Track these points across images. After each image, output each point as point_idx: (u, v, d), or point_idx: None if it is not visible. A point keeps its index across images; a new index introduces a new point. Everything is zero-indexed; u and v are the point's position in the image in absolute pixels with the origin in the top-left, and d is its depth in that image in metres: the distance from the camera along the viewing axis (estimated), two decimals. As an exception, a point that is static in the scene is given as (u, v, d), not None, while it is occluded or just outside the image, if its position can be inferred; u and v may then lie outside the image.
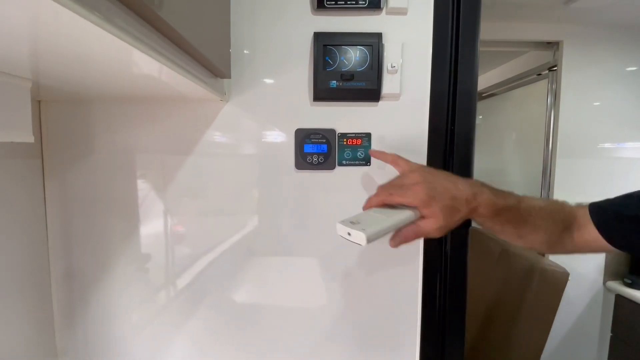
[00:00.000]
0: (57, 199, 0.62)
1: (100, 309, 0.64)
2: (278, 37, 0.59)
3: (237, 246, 0.63)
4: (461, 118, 0.62)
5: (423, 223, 0.46)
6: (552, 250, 0.52)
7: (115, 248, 0.63)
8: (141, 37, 0.29)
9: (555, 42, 1.59)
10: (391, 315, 0.64)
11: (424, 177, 0.46)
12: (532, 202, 0.50)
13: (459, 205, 0.45)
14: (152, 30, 0.31)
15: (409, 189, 0.46)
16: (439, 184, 0.46)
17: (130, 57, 0.33)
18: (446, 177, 0.47)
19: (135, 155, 0.61)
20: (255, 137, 0.61)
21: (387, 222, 0.45)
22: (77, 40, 0.28)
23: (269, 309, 0.64)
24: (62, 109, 0.60)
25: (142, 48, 0.29)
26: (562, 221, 0.49)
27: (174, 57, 0.37)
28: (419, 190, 0.45)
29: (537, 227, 0.49)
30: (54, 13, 0.21)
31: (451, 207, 0.45)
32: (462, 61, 0.61)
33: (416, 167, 0.49)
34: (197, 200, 0.62)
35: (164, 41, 0.34)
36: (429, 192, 0.45)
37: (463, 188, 0.46)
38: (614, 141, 1.65)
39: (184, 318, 0.64)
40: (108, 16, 0.24)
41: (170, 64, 0.36)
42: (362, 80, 0.57)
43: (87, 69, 0.39)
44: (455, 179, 0.47)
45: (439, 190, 0.45)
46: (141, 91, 0.53)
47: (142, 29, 0.29)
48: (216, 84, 0.53)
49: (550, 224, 0.49)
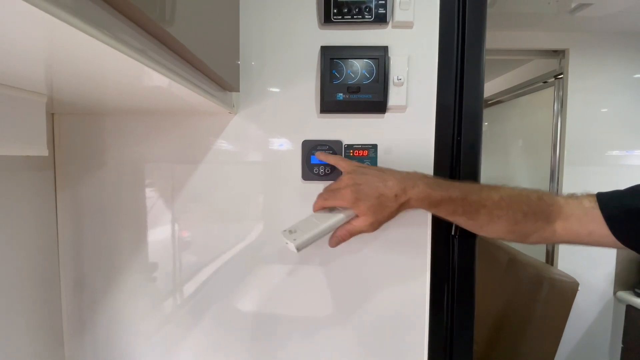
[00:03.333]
0: (68, 209, 0.63)
1: (108, 318, 0.64)
2: (286, 51, 0.60)
3: (243, 255, 0.63)
4: (467, 129, 0.62)
5: (354, 221, 0.52)
6: (525, 241, 0.52)
7: (124, 258, 0.63)
8: (151, 54, 0.29)
9: (562, 50, 1.58)
10: (398, 325, 0.64)
11: (354, 180, 0.51)
12: (490, 192, 0.50)
13: (387, 202, 0.49)
14: (162, 47, 0.32)
15: (339, 192, 0.51)
16: (367, 184, 0.50)
17: (141, 74, 0.34)
18: (378, 175, 0.51)
19: (145, 166, 0.62)
20: (263, 148, 0.61)
21: (319, 227, 0.51)
22: (90, 59, 0.28)
23: (275, 318, 0.64)
24: (75, 122, 0.62)
25: (152, 65, 0.29)
26: (533, 212, 0.49)
27: (184, 72, 0.37)
28: (346, 193, 0.50)
29: (495, 217, 0.50)
30: (68, 35, 0.22)
31: (378, 205, 0.49)
32: (468, 73, 0.61)
33: (352, 168, 0.53)
34: (204, 210, 0.63)
35: (174, 57, 0.34)
36: (355, 195, 0.49)
37: (392, 185, 0.49)
38: (622, 149, 1.64)
39: (191, 327, 0.64)
40: (120, 36, 0.24)
41: (180, 79, 0.36)
42: (369, 93, 0.57)
43: (99, 85, 0.40)
44: (387, 176, 0.51)
45: (365, 191, 0.49)
46: (151, 104, 0.53)
47: (153, 46, 0.30)
48: (225, 97, 0.54)
49: (512, 214, 0.49)
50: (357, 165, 0.54)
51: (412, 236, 0.62)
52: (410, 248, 0.62)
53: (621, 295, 1.60)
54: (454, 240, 0.62)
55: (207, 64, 0.40)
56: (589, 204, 0.49)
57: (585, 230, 0.49)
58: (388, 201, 0.49)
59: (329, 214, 0.53)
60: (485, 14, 0.60)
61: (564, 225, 0.49)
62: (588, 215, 0.48)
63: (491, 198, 0.50)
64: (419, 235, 0.62)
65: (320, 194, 0.55)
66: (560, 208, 0.49)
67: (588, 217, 0.48)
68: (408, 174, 0.52)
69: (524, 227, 0.50)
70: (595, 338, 1.65)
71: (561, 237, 0.50)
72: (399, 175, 0.51)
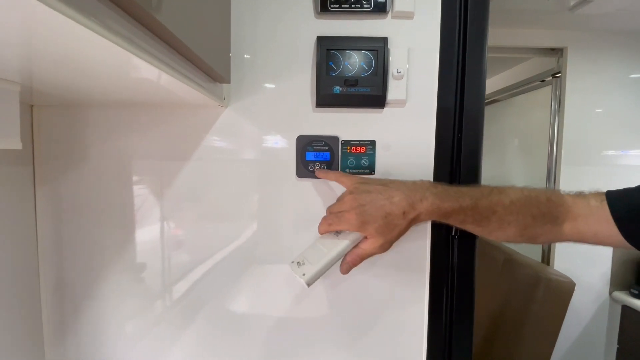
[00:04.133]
0: (48, 207, 0.60)
1: (92, 321, 0.61)
2: (280, 41, 0.57)
3: (235, 255, 0.61)
4: (469, 126, 0.61)
5: (364, 245, 0.49)
6: (531, 242, 0.51)
7: (109, 258, 0.61)
8: (136, 41, 0.28)
9: (560, 48, 1.57)
10: (396, 327, 0.62)
11: (357, 201, 0.48)
12: (500, 197, 0.48)
13: (396, 220, 0.47)
14: (148, 34, 0.30)
15: (343, 216, 0.48)
16: (371, 204, 0.47)
17: (126, 62, 0.31)
18: (383, 191, 0.48)
19: (131, 162, 0.59)
20: (256, 144, 0.59)
21: (327, 256, 0.49)
22: (71, 45, 0.26)
23: (269, 320, 0.62)
24: (56, 114, 0.58)
25: (137, 52, 0.28)
26: (542, 214, 0.47)
27: (171, 61, 0.35)
28: (351, 217, 0.47)
29: (506, 222, 0.48)
30: (45, 18, 0.19)
31: (386, 225, 0.47)
32: (470, 67, 0.59)
33: (354, 186, 0.50)
34: (194, 208, 0.60)
35: (161, 45, 0.32)
36: (360, 218, 0.47)
37: (398, 201, 0.47)
38: (617, 148, 1.64)
39: (181, 330, 0.62)
40: (103, 21, 0.23)
41: (167, 68, 0.34)
42: (367, 86, 0.55)
43: (81, 74, 0.37)
44: (393, 191, 0.48)
45: (370, 212, 0.47)
46: (137, 96, 0.51)
47: (138, 32, 0.28)
48: (215, 89, 0.51)
49: (522, 218, 0.48)
50: (359, 182, 0.51)
51: (410, 236, 0.60)
52: (409, 248, 0.60)
53: (617, 295, 1.61)
54: (454, 240, 0.61)
55: (196, 53, 0.38)
56: (596, 203, 0.47)
57: (591, 231, 0.47)
58: (396, 219, 0.47)
59: (335, 240, 0.50)
60: (487, 5, 0.58)
61: (571, 226, 0.48)
62: (594, 215, 0.47)
63: (502, 203, 0.48)
64: (418, 236, 0.60)
65: (324, 217, 0.52)
66: (568, 208, 0.48)
67: (594, 218, 0.47)
68: (414, 185, 0.49)
69: (533, 231, 0.48)
70: (590, 338, 1.66)
71: (567, 237, 0.49)
72: (405, 188, 0.48)
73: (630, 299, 1.55)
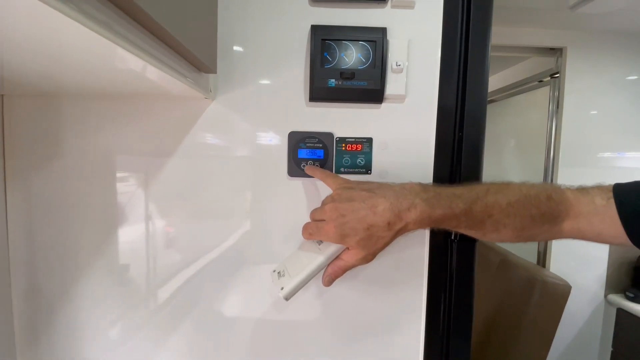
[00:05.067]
0: (20, 204, 0.56)
1: (68, 328, 0.58)
2: (271, 30, 0.54)
3: (222, 258, 0.57)
4: (470, 124, 0.59)
5: (345, 256, 0.46)
6: (524, 241, 0.48)
7: (87, 259, 0.57)
8: (114, 25, 0.26)
9: (559, 48, 1.55)
10: (391, 334, 0.59)
11: (337, 211, 0.44)
12: (497, 197, 0.44)
13: (379, 232, 0.43)
14: (125, 18, 0.27)
15: (322, 228, 0.45)
16: (352, 215, 0.43)
17: (100, 46, 0.28)
18: (366, 199, 0.44)
19: (111, 157, 0.56)
20: (244, 140, 0.56)
21: (307, 268, 0.46)
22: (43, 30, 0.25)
23: (262, 323, 0.59)
24: (29, 105, 0.54)
25: (112, 37, 0.26)
26: (541, 215, 0.44)
27: (151, 48, 0.32)
28: (329, 230, 0.44)
29: (502, 225, 0.44)
30: None
31: (369, 237, 0.43)
32: (473, 61, 0.57)
33: (336, 192, 0.47)
34: (177, 208, 0.57)
35: (139, 30, 0.30)
36: (339, 231, 0.43)
37: (383, 211, 0.42)
38: (613, 150, 1.63)
39: (167, 335, 0.58)
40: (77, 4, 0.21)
41: (146, 55, 0.32)
42: (364, 80, 0.52)
43: (54, 62, 0.35)
44: (377, 198, 0.43)
45: (351, 224, 0.43)
46: (116, 86, 0.48)
47: (114, 16, 0.26)
48: (200, 79, 0.48)
49: (520, 220, 0.44)
50: (343, 187, 0.47)
51: (408, 239, 0.57)
52: (407, 251, 0.58)
53: (612, 298, 1.61)
54: (453, 244, 0.59)
55: (178, 39, 0.35)
56: (601, 201, 0.44)
57: (594, 231, 0.44)
58: (380, 231, 0.43)
59: (316, 250, 0.48)
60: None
61: (572, 225, 0.45)
62: (598, 214, 0.43)
63: (498, 205, 0.44)
64: (416, 240, 0.58)
65: (305, 224, 0.49)
66: (569, 206, 0.45)
67: (599, 217, 0.43)
68: (403, 189, 0.44)
69: (531, 232, 0.45)
70: (585, 341, 1.65)
71: (566, 235, 0.46)
72: (392, 194, 0.44)
73: (625, 302, 1.55)
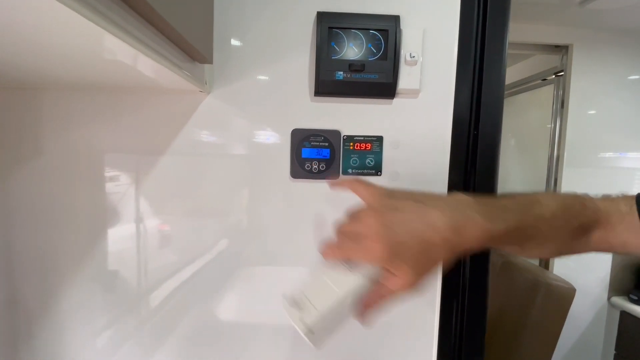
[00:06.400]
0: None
1: (52, 340, 0.55)
2: (273, 16, 0.50)
3: (217, 262, 0.54)
4: (486, 122, 0.55)
5: (389, 283, 0.36)
6: (561, 256, 0.44)
7: (70, 267, 0.54)
8: (101, 9, 0.24)
9: (565, 45, 1.52)
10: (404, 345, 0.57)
11: (382, 223, 0.35)
12: (541, 209, 0.39)
13: (435, 251, 0.34)
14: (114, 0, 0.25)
15: (364, 243, 0.35)
16: (402, 228, 0.34)
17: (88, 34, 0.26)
18: (417, 210, 0.35)
19: (97, 155, 0.53)
20: (243, 138, 0.53)
21: (338, 296, 0.35)
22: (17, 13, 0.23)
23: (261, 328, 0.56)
24: (6, 98, 0.51)
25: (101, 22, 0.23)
26: (580, 226, 0.40)
27: (139, 33, 0.29)
28: (375, 247, 0.34)
29: (547, 239, 0.40)
30: None
31: (422, 257, 0.34)
32: (489, 53, 0.53)
33: (377, 200, 0.37)
34: (170, 210, 0.54)
35: (127, 12, 0.27)
36: (388, 248, 0.34)
37: (439, 223, 0.34)
38: (617, 150, 1.63)
39: (160, 342, 0.56)
40: None
41: (134, 41, 0.29)
42: (375, 72, 0.49)
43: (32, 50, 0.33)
44: (429, 209, 0.35)
45: (402, 239, 0.34)
46: (102, 77, 0.44)
47: None
48: (194, 70, 0.44)
49: (563, 233, 0.40)
50: (384, 194, 0.38)
51: None
52: None
53: (615, 301, 1.61)
54: None
55: (171, 24, 0.32)
56: (626, 208, 0.41)
57: (619, 241, 0.41)
58: (436, 250, 0.34)
59: (348, 274, 0.37)
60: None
61: (600, 235, 0.42)
62: (624, 222, 0.41)
63: (543, 217, 0.39)
64: None
65: (331, 240, 0.39)
66: (600, 215, 0.41)
67: (623, 225, 0.41)
68: (454, 201, 0.37)
69: (569, 246, 0.42)
70: (587, 344, 1.65)
71: (594, 247, 0.43)
72: (444, 205, 0.36)
73: (629, 305, 1.55)
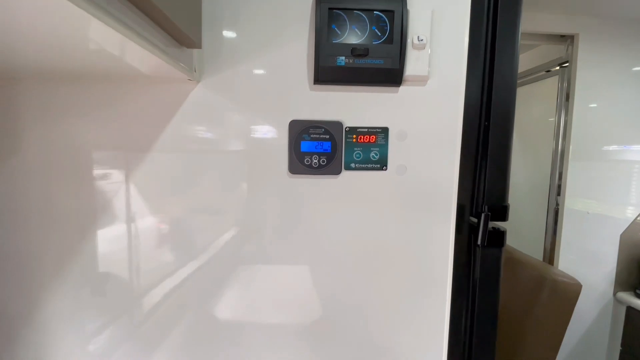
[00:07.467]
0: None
1: (33, 346, 0.52)
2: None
3: (213, 267, 0.52)
4: (498, 112, 0.52)
5: None
6: None
7: (58, 271, 0.51)
8: None
9: (570, 35, 1.48)
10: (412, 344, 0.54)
11: None
12: None
13: None
14: None
15: None
16: None
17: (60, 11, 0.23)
18: None
19: (79, 150, 0.50)
20: (236, 131, 0.50)
21: None
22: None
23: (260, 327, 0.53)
24: None
25: None
26: None
27: (118, 11, 0.27)
28: None
29: None
30: None
31: None
32: (501, 36, 0.51)
33: None
34: (160, 211, 0.51)
35: None
36: None
37: None
38: (622, 143, 1.60)
39: (155, 346, 0.54)
40: None
41: (111, 20, 0.26)
42: (380, 57, 0.46)
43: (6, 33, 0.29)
44: None
45: None
46: (81, 65, 0.41)
47: None
48: (182, 56, 0.40)
49: None
50: None
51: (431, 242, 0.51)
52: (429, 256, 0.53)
53: (621, 296, 1.60)
54: (477, 249, 0.55)
55: (155, 3, 0.30)
56: None
57: None
58: None
59: None
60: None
61: None
62: None
63: None
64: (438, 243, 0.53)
65: None
66: None
67: None
68: None
69: None
70: (593, 340, 1.64)
71: None
72: None
73: (635, 300, 1.53)
